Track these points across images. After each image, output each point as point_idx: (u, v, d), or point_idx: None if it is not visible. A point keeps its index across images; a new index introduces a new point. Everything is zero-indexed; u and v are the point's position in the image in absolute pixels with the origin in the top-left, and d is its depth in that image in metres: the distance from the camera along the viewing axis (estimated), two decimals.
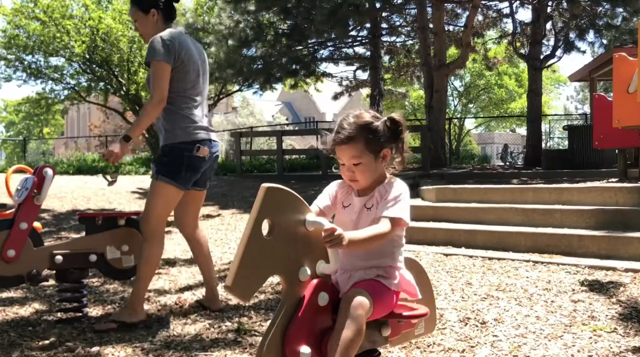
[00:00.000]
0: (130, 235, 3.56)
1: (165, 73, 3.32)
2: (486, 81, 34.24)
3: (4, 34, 22.03)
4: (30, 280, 3.33)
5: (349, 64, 19.26)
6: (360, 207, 2.18)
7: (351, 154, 2.13)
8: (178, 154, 3.35)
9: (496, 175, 11.98)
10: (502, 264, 5.04)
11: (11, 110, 56.14)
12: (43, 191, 3.31)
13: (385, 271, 2.14)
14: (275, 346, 1.86)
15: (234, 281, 1.76)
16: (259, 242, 1.80)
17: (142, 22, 3.44)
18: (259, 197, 1.83)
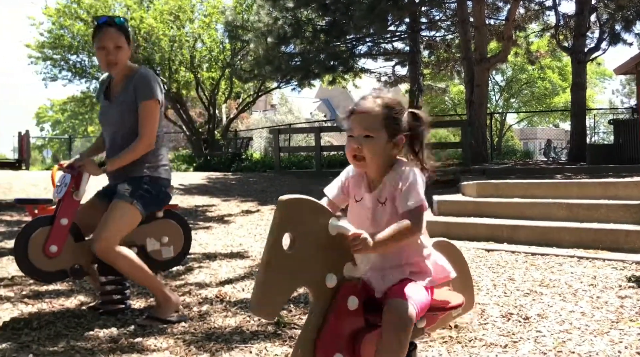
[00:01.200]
0: (169, 226, 3.60)
1: (158, 114, 3.40)
2: (528, 75, 33.63)
3: (50, 35, 22.61)
4: (73, 274, 3.39)
5: (387, 59, 19.15)
6: (373, 202, 2.06)
7: (366, 124, 2.01)
8: (159, 189, 3.44)
9: (539, 171, 11.76)
10: (546, 260, 4.94)
11: (57, 109, 57.64)
12: (81, 187, 3.36)
13: (419, 266, 2.05)
14: (308, 352, 1.84)
15: (257, 304, 1.75)
16: (280, 259, 1.77)
17: (123, 50, 3.38)
18: (276, 213, 1.78)
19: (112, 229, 3.20)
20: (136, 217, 3.32)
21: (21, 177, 12.68)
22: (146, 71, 3.45)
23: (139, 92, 3.34)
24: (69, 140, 34.80)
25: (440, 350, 2.82)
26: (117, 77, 3.48)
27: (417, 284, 2.01)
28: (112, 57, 3.34)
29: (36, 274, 3.31)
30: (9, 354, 2.72)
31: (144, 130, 3.34)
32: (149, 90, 3.34)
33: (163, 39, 21.47)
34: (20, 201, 6.51)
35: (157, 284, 3.39)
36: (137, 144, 3.34)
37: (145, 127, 3.34)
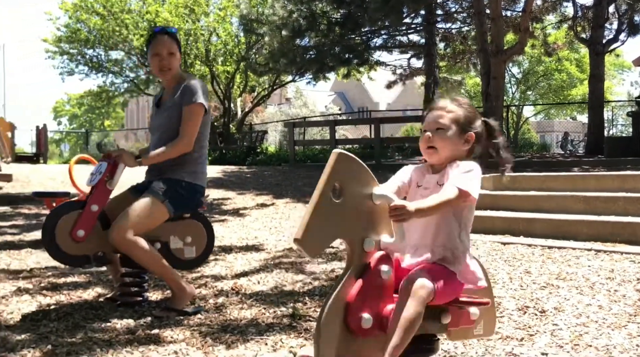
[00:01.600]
0: (194, 227, 3.62)
1: (200, 118, 3.48)
2: (545, 67, 33.30)
3: (66, 29, 22.77)
4: (96, 261, 3.44)
5: (403, 52, 19.06)
6: (433, 183, 2.17)
7: (440, 118, 2.17)
8: (193, 194, 3.51)
9: (556, 164, 11.67)
10: (563, 253, 4.91)
11: (74, 104, 58.19)
12: (115, 177, 3.42)
13: (452, 254, 2.10)
14: (338, 309, 1.87)
15: (303, 234, 1.79)
16: (329, 203, 1.84)
17: (175, 57, 3.55)
18: (330, 161, 1.86)
19: (132, 220, 3.24)
20: (162, 215, 3.37)
21: (39, 171, 12.82)
22: (195, 79, 3.59)
23: (185, 97, 3.45)
24: (86, 134, 35.08)
25: (455, 343, 2.82)
26: (168, 85, 3.62)
27: (445, 270, 2.06)
28: (165, 62, 3.52)
29: (61, 256, 3.37)
30: (28, 345, 2.76)
31: (183, 131, 3.43)
32: (195, 95, 3.45)
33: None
34: (39, 194, 6.59)
35: (171, 274, 3.41)
36: (175, 142, 3.42)
37: (186, 128, 3.43)
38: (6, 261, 4.96)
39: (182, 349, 2.73)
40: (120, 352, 2.69)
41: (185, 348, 2.74)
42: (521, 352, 2.70)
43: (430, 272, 2.00)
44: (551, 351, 2.72)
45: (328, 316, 1.85)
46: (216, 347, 2.77)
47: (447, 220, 2.10)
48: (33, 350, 2.69)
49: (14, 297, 3.69)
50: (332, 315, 1.86)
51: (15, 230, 6.92)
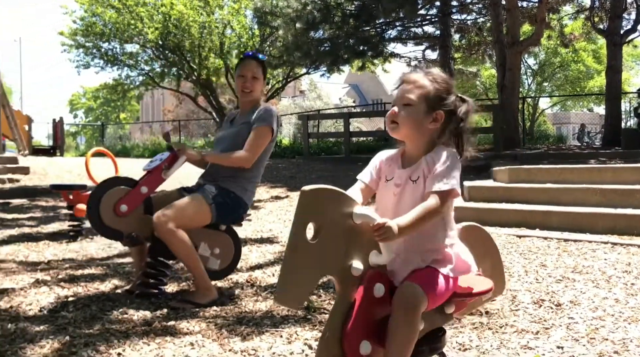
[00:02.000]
0: (225, 241, 3.66)
1: (267, 141, 3.61)
2: (562, 58, 32.95)
3: (82, 22, 22.88)
4: (127, 239, 3.52)
5: (417, 43, 18.93)
6: (405, 179, 2.03)
7: (408, 93, 2.02)
8: (238, 209, 3.60)
9: (572, 156, 11.56)
10: (579, 246, 4.88)
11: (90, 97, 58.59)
12: (172, 168, 3.53)
13: (442, 254, 2.00)
14: (335, 344, 1.83)
15: (282, 293, 1.76)
16: (304, 249, 1.76)
17: (258, 82, 3.68)
18: (298, 203, 1.77)
19: (178, 211, 3.33)
20: (206, 217, 3.45)
21: (56, 164, 12.94)
22: (272, 107, 3.71)
23: (258, 118, 3.57)
24: (102, 127, 35.33)
25: (470, 336, 2.82)
26: (244, 107, 3.74)
27: (435, 273, 1.97)
28: (249, 84, 3.64)
29: (97, 224, 3.46)
30: (47, 336, 2.80)
31: (248, 146, 3.55)
32: (268, 119, 3.58)
33: (193, 25, 21.56)
34: (56, 186, 6.66)
35: (202, 271, 3.46)
36: (238, 153, 3.54)
37: (251, 145, 3.55)
38: (24, 253, 5.02)
39: (198, 340, 2.75)
40: (137, 343, 2.71)
41: (201, 340, 2.77)
42: (536, 345, 2.69)
43: (421, 280, 1.91)
44: (567, 344, 2.71)
45: (325, 349, 1.82)
46: (232, 339, 2.79)
47: (434, 225, 1.98)
48: (51, 341, 2.73)
49: (32, 289, 3.74)
50: (329, 348, 1.82)
51: (33, 222, 7.00)
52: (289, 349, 2.64)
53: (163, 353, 2.60)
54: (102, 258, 4.86)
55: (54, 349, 2.63)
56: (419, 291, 1.87)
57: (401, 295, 1.88)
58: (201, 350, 2.64)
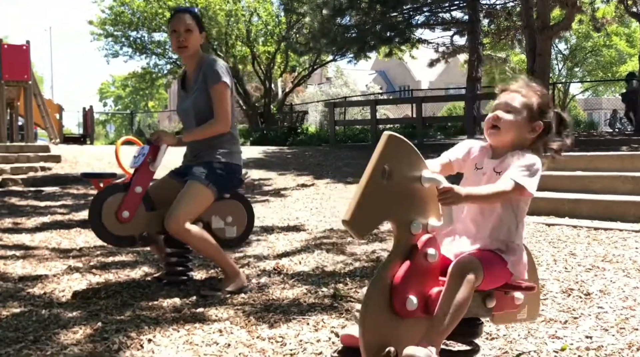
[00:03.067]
0: (234, 207, 3.68)
1: (229, 98, 3.50)
2: (593, 43, 32.27)
3: (110, 12, 23.12)
4: (141, 240, 3.55)
5: (445, 29, 18.71)
6: (490, 169, 2.13)
7: (512, 101, 2.12)
8: (232, 174, 3.56)
9: (603, 143, 11.35)
10: (609, 235, 4.81)
11: (119, 85, 59.22)
12: (157, 159, 3.50)
13: (507, 246, 2.09)
14: (383, 292, 1.88)
15: (352, 216, 1.81)
16: (377, 185, 1.84)
17: (194, 35, 3.53)
18: (380, 143, 1.86)
19: (185, 209, 3.32)
20: (209, 198, 3.44)
21: (86, 152, 13.14)
22: (213, 58, 3.59)
23: (208, 78, 3.47)
24: (131, 116, 35.73)
25: (498, 325, 2.80)
26: (190, 67, 3.63)
27: (497, 257, 2.05)
28: (182, 39, 3.49)
29: (106, 236, 3.47)
30: (80, 322, 2.86)
31: (218, 112, 3.47)
32: (217, 74, 3.46)
33: (220, 13, 21.63)
34: (87, 175, 6.75)
35: (226, 259, 3.50)
36: (213, 122, 3.47)
37: (219, 109, 3.47)
38: (57, 240, 5.13)
39: (226, 327, 2.79)
40: (167, 329, 2.76)
41: (229, 327, 2.80)
42: (564, 335, 2.68)
43: (482, 258, 1.99)
44: (596, 334, 2.68)
45: (373, 297, 1.86)
46: (259, 326, 2.82)
47: (505, 216, 2.08)
48: (84, 327, 2.79)
49: (65, 276, 3.82)
50: (377, 297, 1.86)
51: (64, 210, 7.14)
52: (315, 337, 2.67)
53: (192, 339, 2.64)
54: None
55: (87, 334, 2.70)
56: (478, 265, 1.95)
57: (460, 263, 1.96)
58: (229, 337, 2.68)
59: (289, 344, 2.59)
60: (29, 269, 4.04)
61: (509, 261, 2.07)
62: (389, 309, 1.89)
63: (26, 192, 9.10)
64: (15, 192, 8.99)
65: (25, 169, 10.57)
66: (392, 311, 1.89)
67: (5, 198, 8.27)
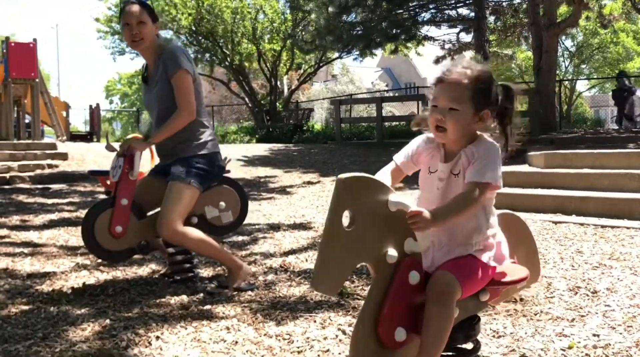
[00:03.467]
0: (224, 192, 3.66)
1: (191, 85, 3.39)
2: (600, 40, 32.12)
3: (117, 9, 23.14)
4: (141, 251, 3.54)
5: (451, 26, 18.64)
6: (447, 173, 2.02)
7: (453, 96, 1.96)
8: (212, 164, 3.47)
9: (610, 140, 11.31)
10: (616, 232, 4.80)
11: (125, 83, 59.26)
12: (135, 166, 3.42)
13: (484, 244, 2.01)
14: (369, 330, 1.85)
15: (319, 280, 1.79)
16: (340, 236, 1.79)
17: (147, 26, 3.41)
18: (334, 191, 1.80)
19: (174, 212, 3.28)
20: (194, 195, 3.39)
21: (93, 149, 13.19)
22: (173, 46, 3.50)
23: (168, 67, 3.37)
24: (137, 113, 35.79)
25: (505, 323, 2.81)
26: (149, 59, 3.52)
27: (474, 261, 1.98)
28: (136, 32, 3.38)
29: (107, 255, 3.46)
30: (88, 319, 2.88)
31: (180, 101, 3.36)
32: (176, 62, 3.36)
33: (225, 11, 21.63)
34: (94, 172, 6.81)
35: (226, 254, 3.50)
36: (177, 115, 3.36)
37: (181, 98, 3.35)
38: (64, 238, 5.15)
39: (233, 324, 2.80)
40: (174, 327, 2.78)
41: (236, 324, 2.82)
42: (572, 333, 2.67)
43: (456, 268, 1.92)
44: (603, 332, 2.68)
45: (360, 332, 1.84)
46: (266, 324, 2.83)
47: (476, 216, 1.99)
48: (92, 324, 2.81)
49: (72, 273, 3.85)
50: (364, 331, 1.84)
51: (72, 207, 7.17)
52: (322, 334, 2.68)
53: (200, 336, 2.65)
54: None
55: (95, 331, 2.72)
56: (453, 280, 1.88)
57: (434, 283, 1.90)
58: (237, 334, 2.69)
59: (296, 341, 2.60)
60: (37, 266, 4.07)
61: (487, 259, 2.00)
62: (378, 344, 1.86)
63: (33, 189, 9.14)
64: (23, 190, 9.04)
65: (32, 167, 10.62)
66: (381, 345, 1.87)
67: (13, 195, 8.32)
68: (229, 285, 3.42)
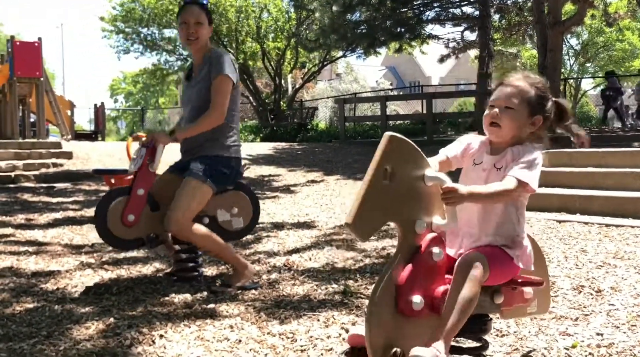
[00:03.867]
0: (238, 198, 3.68)
1: (229, 90, 3.46)
2: (606, 38, 31.99)
3: (122, 9, 23.21)
4: (149, 242, 3.55)
5: (456, 24, 18.61)
6: (490, 165, 2.13)
7: (511, 96, 2.10)
8: (231, 168, 3.53)
9: (615, 139, 11.29)
10: (621, 231, 4.79)
11: (129, 82, 59.42)
12: (156, 159, 3.48)
13: (513, 240, 2.10)
14: (388, 293, 1.88)
15: (354, 218, 1.82)
16: (379, 186, 1.85)
17: (204, 27, 3.51)
18: (381, 145, 1.87)
19: (185, 208, 3.31)
20: (208, 194, 3.42)
21: (97, 148, 13.22)
22: (221, 51, 3.58)
23: (212, 69, 3.45)
24: (142, 112, 35.88)
25: (508, 322, 2.80)
26: (197, 58, 3.61)
27: (503, 253, 2.06)
28: (192, 31, 3.47)
29: (115, 242, 3.48)
30: (92, 318, 2.89)
31: (214, 103, 3.42)
32: (221, 66, 3.43)
33: (230, 10, 21.65)
34: (98, 171, 6.82)
35: (232, 253, 3.51)
36: (207, 115, 3.42)
37: (216, 100, 3.42)
38: (69, 236, 5.17)
39: (237, 323, 2.81)
40: (178, 325, 2.78)
41: (240, 323, 2.82)
42: (575, 332, 2.67)
43: (487, 253, 1.99)
44: (607, 331, 2.67)
45: (379, 298, 1.87)
46: (270, 322, 2.83)
47: (507, 212, 2.09)
48: (96, 322, 2.82)
49: (77, 272, 3.86)
50: (382, 298, 1.87)
51: (76, 206, 7.19)
52: (325, 333, 2.68)
53: (203, 335, 2.66)
54: None
55: (99, 330, 2.72)
56: (484, 260, 1.96)
57: (465, 259, 1.97)
58: (240, 332, 2.69)
59: (299, 340, 2.60)
60: (41, 264, 4.08)
61: (514, 256, 2.08)
62: (395, 310, 1.90)
63: (38, 188, 9.17)
64: (28, 189, 9.07)
65: (37, 166, 10.65)
66: (398, 312, 1.90)
67: (18, 194, 8.35)
68: (232, 284, 3.42)
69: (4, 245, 4.76)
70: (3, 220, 6.09)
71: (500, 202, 2.05)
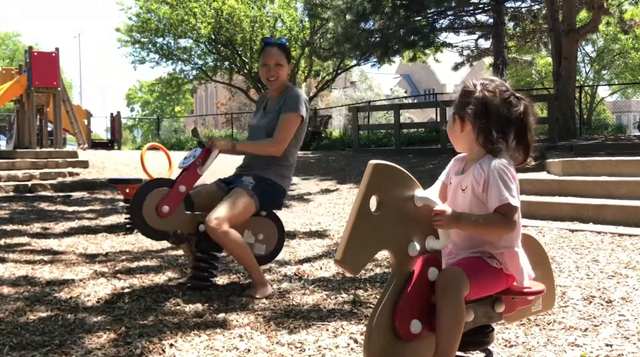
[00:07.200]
0: (267, 225, 3.73)
1: (295, 127, 3.67)
2: (621, 45, 31.72)
3: (137, 19, 23.45)
4: (173, 237, 3.61)
5: (470, 32, 18.60)
6: (455, 185, 2.09)
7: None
8: (277, 195, 3.70)
9: (630, 147, 11.18)
10: (634, 241, 4.75)
11: (146, 91, 59.96)
12: (207, 163, 3.61)
13: (498, 250, 2.04)
14: (385, 320, 1.88)
15: (343, 255, 1.81)
16: (367, 218, 1.84)
17: (283, 68, 3.72)
18: (366, 174, 1.86)
19: (227, 212, 3.41)
20: (251, 208, 3.54)
21: (113, 157, 13.35)
22: (298, 90, 3.79)
23: (285, 104, 3.65)
24: (158, 121, 36.17)
25: (517, 332, 2.80)
26: (273, 93, 3.82)
27: (483, 262, 2.02)
28: (273, 72, 3.70)
29: (142, 226, 3.55)
30: (104, 327, 2.93)
31: (277, 134, 3.62)
32: (295, 105, 3.65)
33: (244, 19, 21.80)
34: (113, 180, 6.90)
35: (257, 267, 3.57)
36: (269, 142, 3.63)
37: (280, 133, 3.62)
38: (84, 245, 5.23)
39: (246, 333, 2.83)
40: (188, 334, 2.81)
41: (249, 332, 2.84)
42: (584, 342, 2.66)
43: (465, 266, 1.95)
44: (616, 342, 2.66)
45: (376, 325, 1.87)
46: (279, 332, 2.86)
47: None
48: (108, 331, 2.86)
49: (90, 281, 3.91)
50: (380, 321, 1.87)
51: (92, 215, 7.27)
52: (334, 343, 2.69)
53: (213, 344, 2.69)
54: (157, 250, 5.02)
55: (110, 339, 2.76)
56: (460, 272, 1.92)
57: (443, 276, 1.95)
58: (250, 342, 2.72)
59: (308, 349, 2.62)
60: (56, 273, 4.14)
61: (501, 266, 2.04)
62: (393, 334, 1.89)
63: (55, 197, 9.29)
64: (44, 197, 9.19)
65: (54, 175, 10.79)
66: (396, 336, 1.90)
67: (35, 203, 8.46)
68: (252, 295, 3.48)
69: (19, 254, 4.83)
70: (19, 229, 6.18)
71: (491, 235, 2.00)
